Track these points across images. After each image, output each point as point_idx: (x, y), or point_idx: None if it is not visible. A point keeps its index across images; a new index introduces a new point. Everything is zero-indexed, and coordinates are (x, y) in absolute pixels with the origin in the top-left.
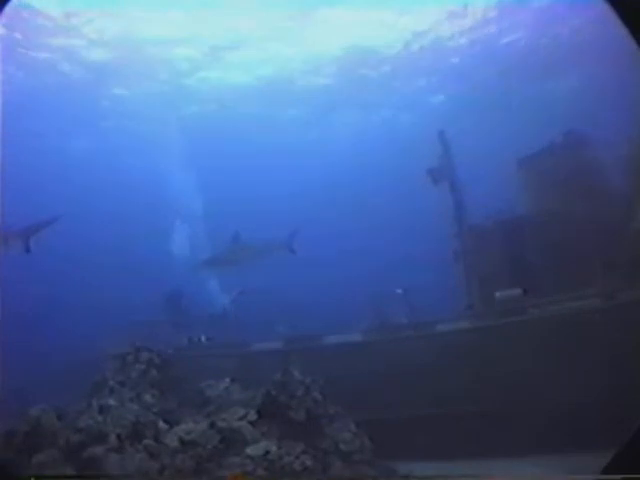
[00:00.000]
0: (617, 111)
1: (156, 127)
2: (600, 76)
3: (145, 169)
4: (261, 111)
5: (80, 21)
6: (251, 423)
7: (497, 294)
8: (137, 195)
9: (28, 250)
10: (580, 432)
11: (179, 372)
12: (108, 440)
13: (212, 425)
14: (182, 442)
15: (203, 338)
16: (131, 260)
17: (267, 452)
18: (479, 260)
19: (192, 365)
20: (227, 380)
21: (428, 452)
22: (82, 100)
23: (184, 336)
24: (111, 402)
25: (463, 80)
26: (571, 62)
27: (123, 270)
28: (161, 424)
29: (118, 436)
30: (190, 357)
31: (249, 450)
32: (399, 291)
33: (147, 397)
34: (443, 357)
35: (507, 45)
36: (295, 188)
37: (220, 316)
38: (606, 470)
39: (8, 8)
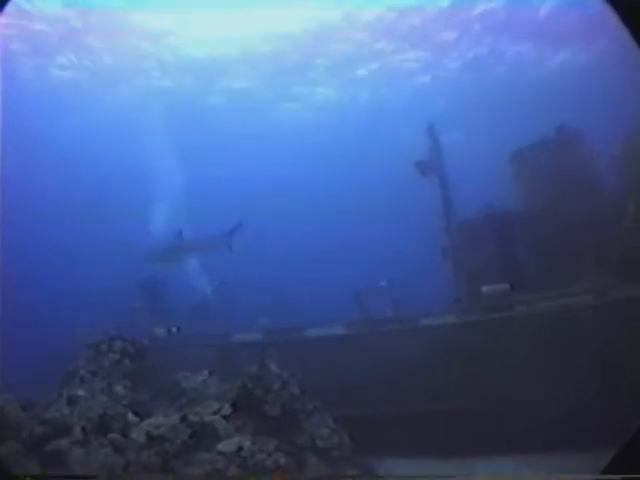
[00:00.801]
0: (611, 107)
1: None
2: (595, 70)
3: (122, 153)
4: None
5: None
6: (225, 417)
7: (483, 289)
8: (114, 181)
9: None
10: (571, 432)
11: (154, 362)
12: (73, 433)
13: (183, 419)
14: (149, 437)
15: (175, 329)
16: (108, 248)
17: (240, 448)
18: (468, 255)
19: (169, 356)
20: (205, 372)
21: (411, 450)
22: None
23: (162, 326)
24: (80, 393)
25: (454, 74)
26: (567, 55)
27: (101, 259)
28: (130, 417)
29: (83, 429)
30: (167, 347)
31: (221, 446)
32: (383, 283)
33: (118, 388)
34: (428, 352)
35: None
36: (279, 180)
37: (200, 306)
38: (606, 470)
39: (8, 8)
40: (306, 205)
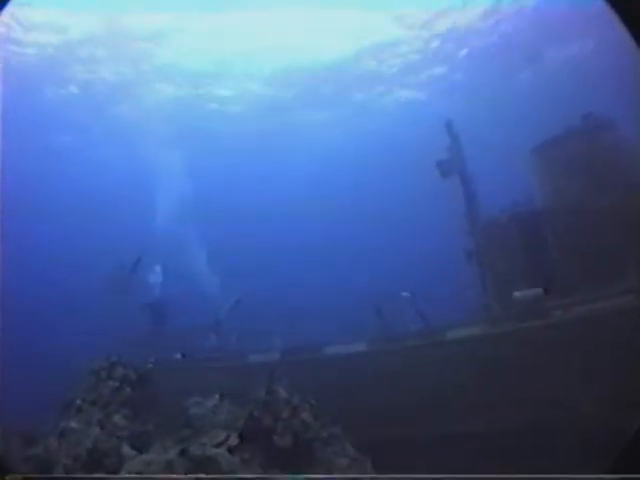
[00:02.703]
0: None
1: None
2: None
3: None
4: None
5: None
6: (231, 449)
7: (515, 294)
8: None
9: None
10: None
11: (162, 388)
12: (56, 472)
13: (183, 452)
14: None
15: (180, 355)
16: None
17: None
18: (494, 258)
19: (178, 380)
20: (216, 397)
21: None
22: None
23: (171, 349)
24: (73, 425)
25: (472, 68)
26: (590, 39)
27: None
28: (125, 450)
29: (65, 468)
30: (177, 371)
31: None
32: (406, 294)
33: (117, 418)
34: (457, 368)
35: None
36: (294, 185)
37: (213, 326)
38: (606, 470)
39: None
40: (323, 211)
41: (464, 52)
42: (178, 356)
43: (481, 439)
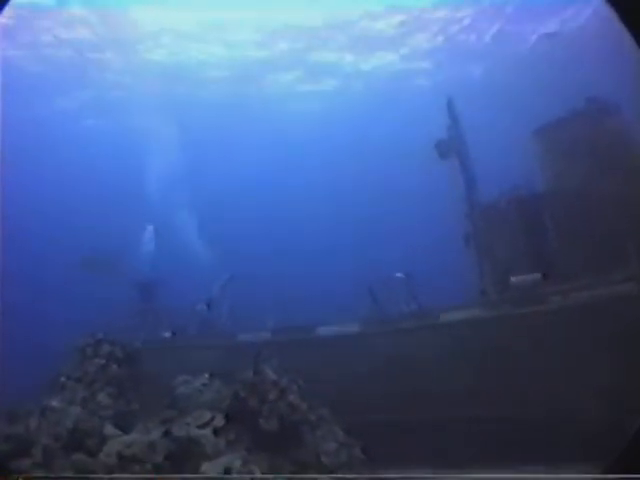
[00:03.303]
0: None
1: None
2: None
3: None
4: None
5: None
6: (217, 430)
7: (513, 279)
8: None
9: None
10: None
11: (151, 367)
12: (35, 452)
13: (166, 434)
14: (120, 457)
15: (169, 334)
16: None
17: (228, 469)
18: (493, 242)
19: (168, 359)
20: (206, 376)
21: (434, 463)
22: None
23: (162, 327)
24: (54, 403)
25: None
26: (596, 22)
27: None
28: (108, 430)
29: (45, 449)
30: (167, 349)
31: (205, 467)
32: (400, 275)
33: (102, 397)
34: (451, 351)
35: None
36: (287, 168)
37: (203, 305)
38: (606, 470)
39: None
40: (317, 194)
41: (464, 34)
42: (168, 334)
43: (473, 425)
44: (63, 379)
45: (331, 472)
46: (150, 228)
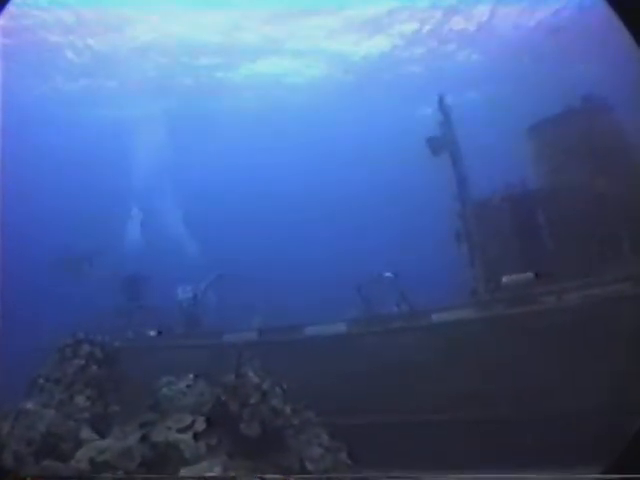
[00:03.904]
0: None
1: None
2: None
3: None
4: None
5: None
6: (197, 435)
7: (504, 279)
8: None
9: None
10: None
11: (133, 367)
12: (6, 457)
13: (144, 438)
14: (92, 463)
15: (154, 332)
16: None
17: (204, 477)
18: (485, 240)
19: (151, 359)
20: (190, 377)
21: (423, 466)
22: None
23: (148, 326)
24: (29, 406)
25: (470, 42)
26: (593, 19)
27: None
28: (84, 434)
29: (15, 453)
30: (150, 349)
31: (184, 472)
32: (388, 274)
33: (80, 399)
34: (441, 352)
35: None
36: (277, 164)
37: (190, 304)
38: (606, 470)
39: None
40: (305, 192)
41: (458, 29)
42: (153, 332)
43: (465, 427)
44: (41, 381)
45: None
46: (135, 211)
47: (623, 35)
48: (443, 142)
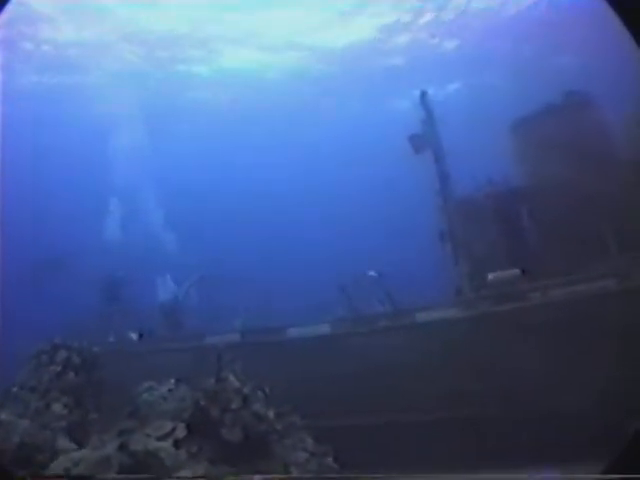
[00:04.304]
0: (623, 68)
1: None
2: (604, 32)
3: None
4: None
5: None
6: (178, 442)
7: (490, 276)
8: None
9: None
10: (599, 443)
11: (111, 373)
12: None
13: (122, 447)
14: (67, 474)
15: (136, 335)
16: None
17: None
18: (469, 238)
19: (132, 364)
20: (172, 381)
21: (410, 467)
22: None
23: (130, 329)
24: (3, 417)
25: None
26: (572, 19)
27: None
28: (61, 443)
29: None
30: (127, 354)
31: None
32: (372, 273)
33: (57, 407)
34: (426, 352)
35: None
36: (258, 156)
37: (172, 305)
38: (606, 470)
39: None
40: (288, 189)
41: (443, 26)
42: (134, 336)
43: (453, 428)
44: (15, 389)
45: None
46: (115, 211)
47: (606, 28)
48: (425, 139)
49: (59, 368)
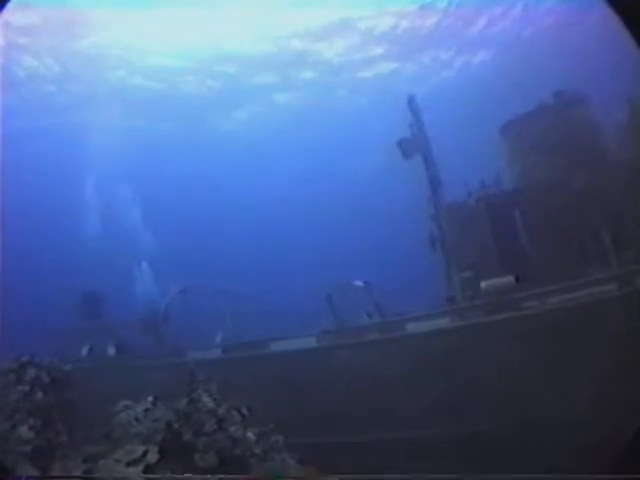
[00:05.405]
0: (614, 68)
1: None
2: (596, 32)
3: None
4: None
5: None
6: (149, 467)
7: (483, 284)
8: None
9: None
10: (597, 458)
11: (86, 391)
12: None
13: (87, 473)
14: None
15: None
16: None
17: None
18: (461, 244)
19: (106, 381)
20: (149, 400)
21: None
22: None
23: (108, 344)
24: None
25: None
26: (562, 13)
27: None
28: (23, 470)
29: None
30: (103, 370)
31: None
32: (358, 283)
33: (23, 430)
34: (417, 365)
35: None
36: (245, 171)
37: (152, 320)
38: (606, 470)
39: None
40: (274, 198)
41: (429, 31)
42: (112, 351)
43: (445, 443)
44: None
45: None
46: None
47: (597, 29)
48: (414, 144)
49: (27, 387)
